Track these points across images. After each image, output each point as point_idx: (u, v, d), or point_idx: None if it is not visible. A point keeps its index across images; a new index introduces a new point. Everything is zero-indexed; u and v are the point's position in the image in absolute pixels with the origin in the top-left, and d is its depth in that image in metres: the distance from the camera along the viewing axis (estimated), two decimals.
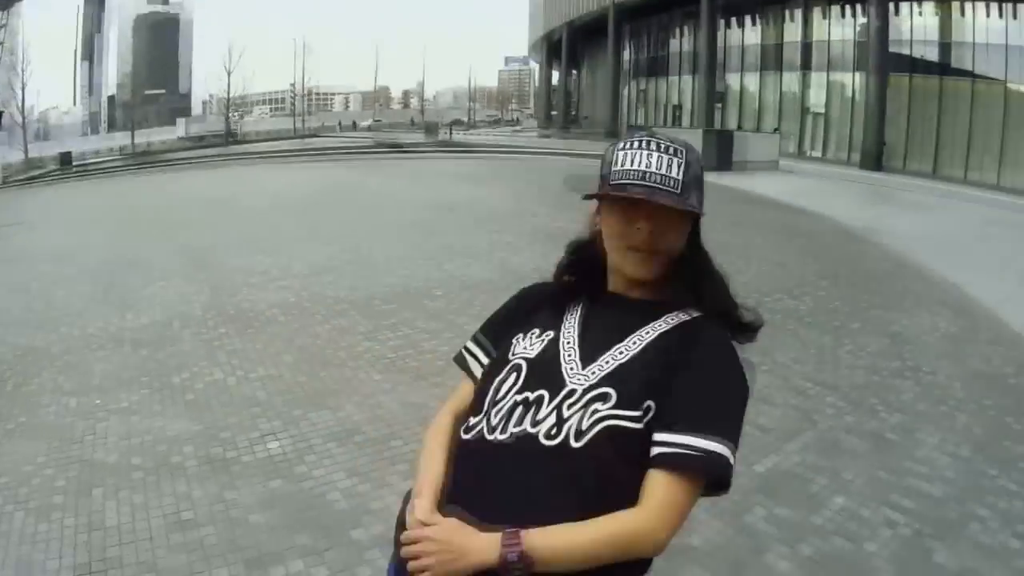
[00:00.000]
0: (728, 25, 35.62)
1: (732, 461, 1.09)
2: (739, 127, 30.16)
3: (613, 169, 1.22)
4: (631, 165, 1.20)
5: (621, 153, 1.22)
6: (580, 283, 1.33)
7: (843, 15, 29.79)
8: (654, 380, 1.14)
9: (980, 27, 25.76)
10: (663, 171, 1.18)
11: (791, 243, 9.94)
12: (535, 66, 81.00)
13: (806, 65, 31.54)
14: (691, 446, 1.07)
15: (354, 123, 69.67)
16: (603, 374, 1.17)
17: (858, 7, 28.70)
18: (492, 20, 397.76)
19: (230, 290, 6.95)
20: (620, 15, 41.26)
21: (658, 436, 1.10)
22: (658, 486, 1.07)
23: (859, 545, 2.97)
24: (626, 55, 45.48)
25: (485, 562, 1.02)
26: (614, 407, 1.12)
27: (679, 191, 1.18)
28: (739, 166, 21.07)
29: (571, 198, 9.03)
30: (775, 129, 29.12)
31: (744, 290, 1.31)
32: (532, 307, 1.37)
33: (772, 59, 33.25)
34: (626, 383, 1.14)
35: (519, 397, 1.18)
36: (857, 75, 28.79)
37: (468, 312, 6.02)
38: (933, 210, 14.68)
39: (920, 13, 27.13)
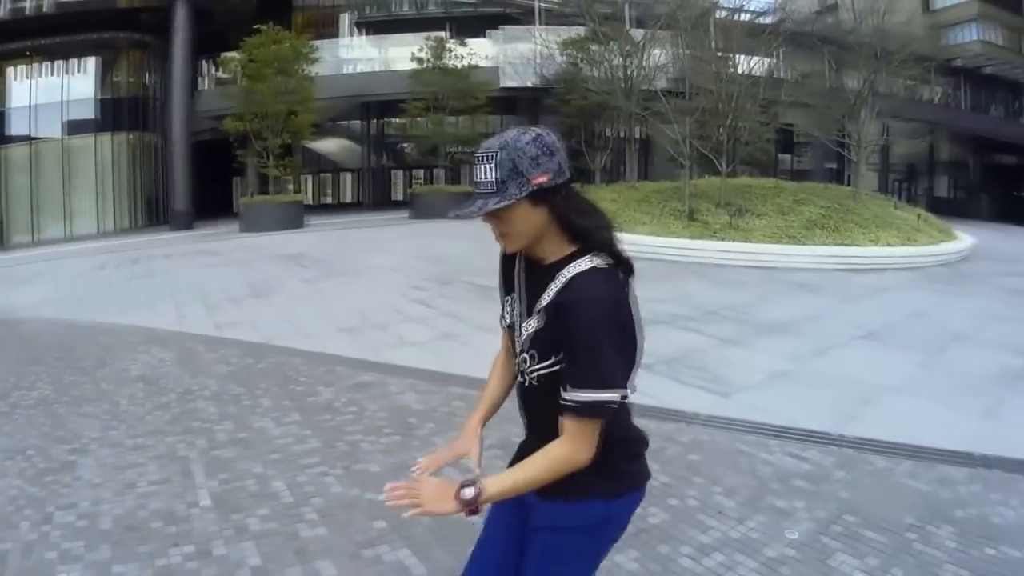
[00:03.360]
0: None
1: (603, 399, 1.72)
2: None
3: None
4: (473, 180, 1.79)
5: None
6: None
7: None
8: (552, 344, 1.78)
9: (36, 88, 28.12)
10: (483, 178, 1.72)
11: None
12: None
13: None
14: (578, 400, 1.71)
15: None
16: (526, 340, 1.87)
17: None
18: None
19: None
20: None
21: (562, 392, 1.75)
22: (568, 426, 1.75)
23: None
24: None
25: (451, 507, 1.72)
26: (537, 363, 1.84)
27: (495, 190, 1.71)
28: None
29: None
30: None
31: None
32: (508, 268, 2.01)
33: None
34: (537, 347, 1.83)
35: (519, 355, 1.92)
36: None
37: None
38: (41, 275, 16.13)
39: None
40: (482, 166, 1.72)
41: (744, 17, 24.32)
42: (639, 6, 27.64)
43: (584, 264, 1.76)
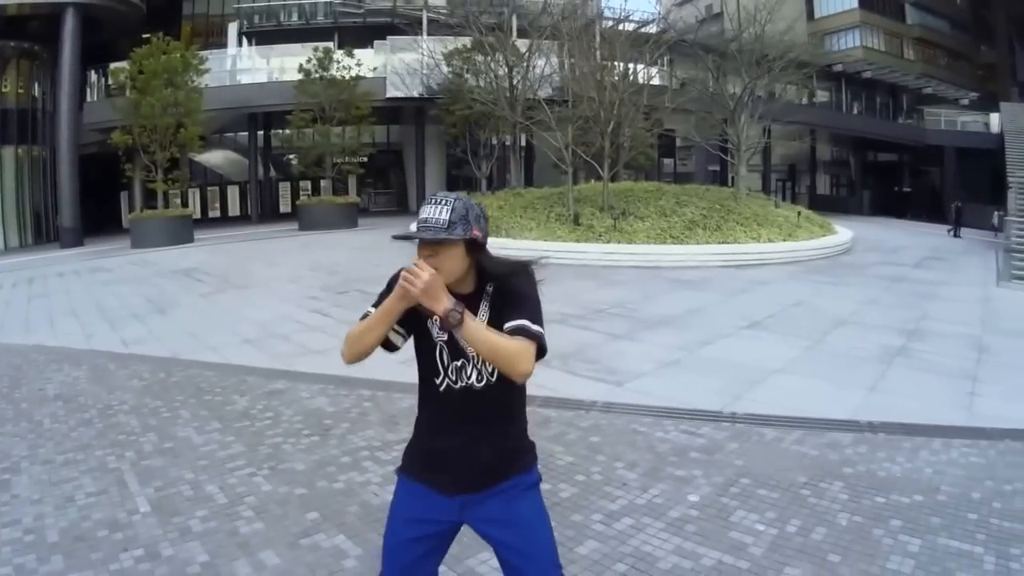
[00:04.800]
0: None
1: (542, 333, 2.10)
2: None
3: (416, 220, 2.11)
4: (420, 216, 2.08)
5: (419, 209, 2.12)
6: None
7: None
8: (503, 321, 2.09)
9: None
10: (435, 216, 2.04)
11: None
12: None
13: None
14: (533, 329, 2.07)
15: None
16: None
17: None
18: None
19: None
20: None
21: (513, 321, 2.07)
22: (523, 342, 2.04)
23: None
24: None
25: (444, 306, 1.96)
26: None
27: (446, 227, 2.03)
28: None
29: None
30: None
31: None
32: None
33: None
34: None
35: (454, 365, 2.19)
36: None
37: None
38: None
39: None
40: (436, 207, 2.07)
41: (628, 27, 25.15)
42: (524, 17, 28.19)
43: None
